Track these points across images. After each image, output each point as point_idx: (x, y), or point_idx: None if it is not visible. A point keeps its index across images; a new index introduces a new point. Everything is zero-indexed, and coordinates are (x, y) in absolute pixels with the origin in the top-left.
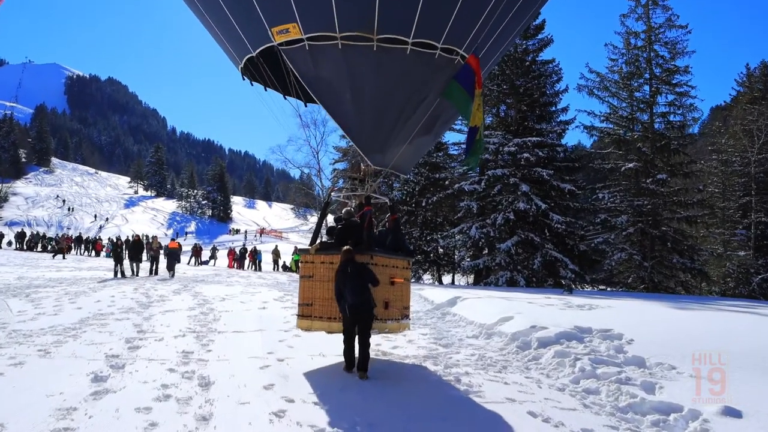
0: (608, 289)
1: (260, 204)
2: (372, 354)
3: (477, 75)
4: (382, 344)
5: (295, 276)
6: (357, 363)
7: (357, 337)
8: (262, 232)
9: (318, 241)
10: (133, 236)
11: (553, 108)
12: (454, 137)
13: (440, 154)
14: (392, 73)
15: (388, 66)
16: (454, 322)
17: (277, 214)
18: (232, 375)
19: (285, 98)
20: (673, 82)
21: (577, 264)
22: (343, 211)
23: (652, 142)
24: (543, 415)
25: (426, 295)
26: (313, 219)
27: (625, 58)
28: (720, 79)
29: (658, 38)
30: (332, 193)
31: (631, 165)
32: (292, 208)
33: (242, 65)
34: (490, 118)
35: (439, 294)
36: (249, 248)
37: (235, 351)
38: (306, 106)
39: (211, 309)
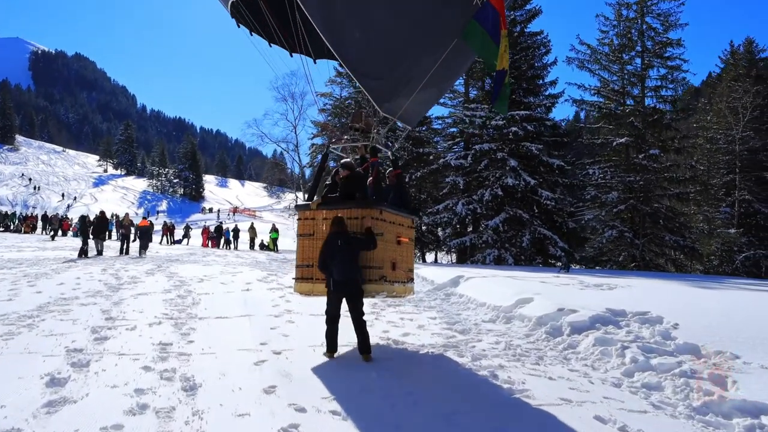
0: (597, 267)
1: (233, 183)
2: (383, 342)
3: (501, 15)
4: (390, 331)
5: (274, 255)
6: (359, 346)
7: (351, 321)
8: (235, 210)
9: (316, 196)
10: (98, 213)
11: (541, 81)
12: (437, 111)
13: (424, 128)
14: (407, 9)
15: (403, 2)
16: (462, 304)
17: (250, 193)
18: (222, 374)
19: (270, 46)
20: (666, 55)
21: (566, 242)
22: (341, 163)
23: (643, 117)
24: (614, 421)
25: (424, 274)
26: (290, 196)
27: (616, 30)
28: (701, 56)
29: (651, 10)
30: (331, 146)
31: (622, 140)
32: (265, 187)
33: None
34: (475, 91)
35: (438, 273)
36: (228, 226)
37: (222, 342)
38: (292, 55)
39: (189, 291)
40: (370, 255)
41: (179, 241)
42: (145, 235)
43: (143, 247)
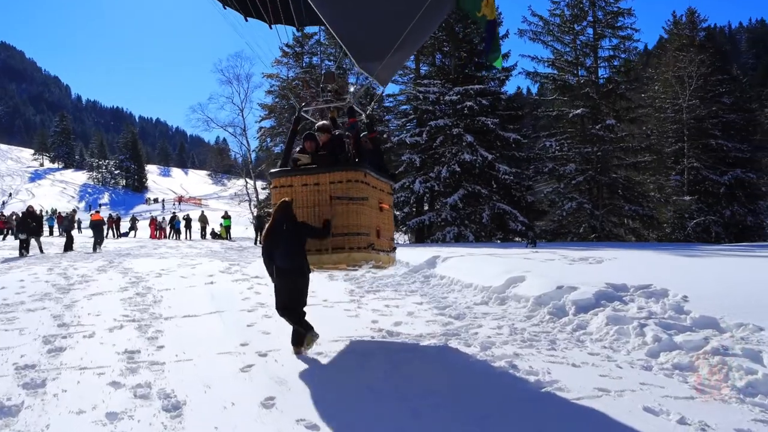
0: (557, 240)
1: (176, 171)
2: (376, 334)
3: None
4: (379, 321)
5: (229, 243)
6: (292, 337)
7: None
8: (180, 199)
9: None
10: (26, 209)
11: None
12: (388, 88)
13: (375, 106)
14: None
15: None
16: (445, 286)
17: (194, 181)
18: (206, 386)
19: (246, 20)
20: (617, 25)
21: (526, 216)
22: (318, 126)
23: (597, 87)
24: (666, 412)
25: (396, 256)
26: (240, 182)
27: (567, 0)
28: (648, 24)
29: None
30: (304, 107)
31: (578, 111)
32: (209, 174)
33: None
34: (426, 67)
35: (411, 254)
36: (178, 215)
37: (196, 345)
38: (271, 27)
39: (147, 288)
40: (357, 221)
41: (125, 234)
42: (98, 229)
43: (98, 243)
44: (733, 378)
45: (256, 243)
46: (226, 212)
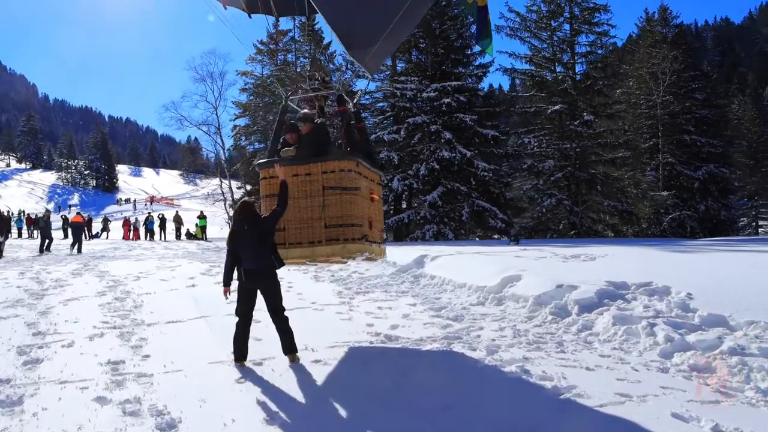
0: (537, 237)
1: (147, 171)
2: (375, 340)
3: None
4: (375, 324)
5: (205, 244)
6: (283, 346)
7: (271, 318)
8: (152, 200)
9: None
10: None
11: (470, 51)
12: (363, 85)
13: (354, 101)
14: None
15: None
16: (436, 286)
17: (166, 181)
18: (201, 400)
19: (225, 8)
20: (594, 21)
21: (505, 213)
22: (300, 116)
23: (575, 83)
24: (696, 418)
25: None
26: (214, 182)
27: None
28: (622, 20)
29: None
30: (290, 96)
31: (557, 107)
32: (181, 174)
33: None
34: (403, 64)
35: (397, 253)
36: (153, 216)
37: (185, 354)
38: (250, 16)
39: (126, 292)
40: (351, 212)
41: (97, 236)
42: (78, 231)
43: (78, 245)
44: (755, 379)
45: None
46: (201, 212)
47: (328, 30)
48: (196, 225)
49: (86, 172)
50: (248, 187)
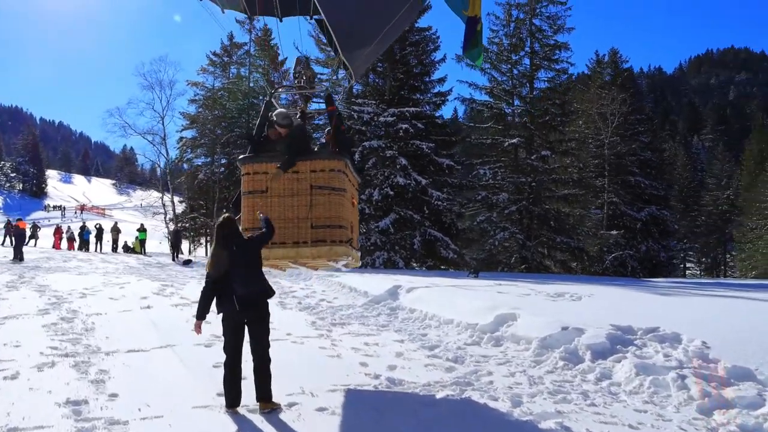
0: (487, 270)
1: (78, 178)
2: (379, 383)
3: None
4: (369, 364)
5: (145, 258)
6: (258, 390)
7: (252, 355)
8: (82, 208)
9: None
10: None
11: (428, 78)
12: (317, 106)
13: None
14: None
15: None
16: (418, 321)
17: (98, 190)
18: None
19: (223, 12)
20: (554, 57)
21: (456, 243)
22: (276, 114)
23: (533, 118)
24: None
25: (349, 283)
26: (154, 194)
27: (506, 29)
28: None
29: (539, 12)
30: (280, 90)
31: (514, 140)
32: (114, 184)
33: None
34: (360, 86)
35: (367, 282)
36: (88, 225)
37: (160, 394)
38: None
39: (73, 312)
40: (339, 213)
41: (25, 243)
42: (21, 238)
43: (19, 253)
44: None
45: (173, 259)
46: (141, 225)
47: (288, 45)
48: (136, 238)
49: (12, 175)
50: (191, 202)
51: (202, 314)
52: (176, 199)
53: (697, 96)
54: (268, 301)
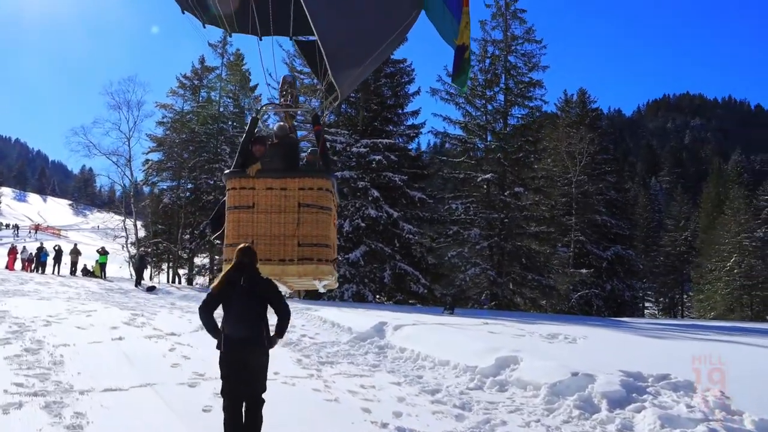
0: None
1: (33, 197)
2: (378, 430)
3: None
4: (372, 410)
5: (106, 283)
6: None
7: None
8: (37, 228)
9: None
10: None
11: (401, 111)
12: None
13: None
14: None
15: None
16: (410, 361)
17: (53, 210)
18: None
19: (204, 27)
20: (528, 94)
21: (426, 278)
22: (276, 127)
23: (506, 154)
24: None
25: (330, 317)
26: (101, 216)
27: (481, 65)
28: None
29: (515, 50)
30: (266, 108)
31: (488, 176)
32: (71, 204)
33: None
34: (333, 116)
35: (349, 318)
36: (45, 246)
37: None
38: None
39: (38, 342)
40: (326, 232)
41: None
42: None
43: None
44: None
45: (137, 285)
46: (103, 248)
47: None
48: (96, 261)
49: None
50: (155, 227)
51: (215, 332)
52: (139, 223)
53: (655, 138)
54: (268, 346)
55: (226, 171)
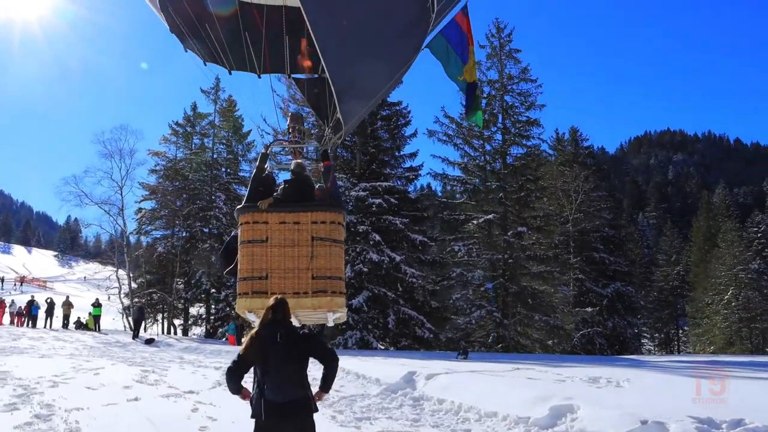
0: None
1: (18, 249)
2: None
3: (468, 35)
4: None
5: (102, 337)
6: None
7: None
8: (22, 280)
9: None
10: None
11: (399, 153)
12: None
13: None
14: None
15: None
16: (453, 414)
17: (38, 261)
18: None
19: (205, 65)
20: (526, 133)
21: (433, 323)
22: (293, 164)
23: (507, 194)
24: None
25: (351, 367)
26: (87, 266)
27: None
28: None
29: (511, 89)
30: (272, 146)
31: (490, 216)
32: (56, 255)
33: None
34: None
35: (375, 367)
36: (37, 300)
37: None
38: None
39: (48, 406)
40: (338, 265)
41: None
42: None
43: None
44: None
45: (134, 338)
46: (97, 300)
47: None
48: (89, 314)
49: None
50: (149, 277)
51: (238, 390)
52: (132, 273)
53: (639, 175)
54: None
55: (239, 206)
